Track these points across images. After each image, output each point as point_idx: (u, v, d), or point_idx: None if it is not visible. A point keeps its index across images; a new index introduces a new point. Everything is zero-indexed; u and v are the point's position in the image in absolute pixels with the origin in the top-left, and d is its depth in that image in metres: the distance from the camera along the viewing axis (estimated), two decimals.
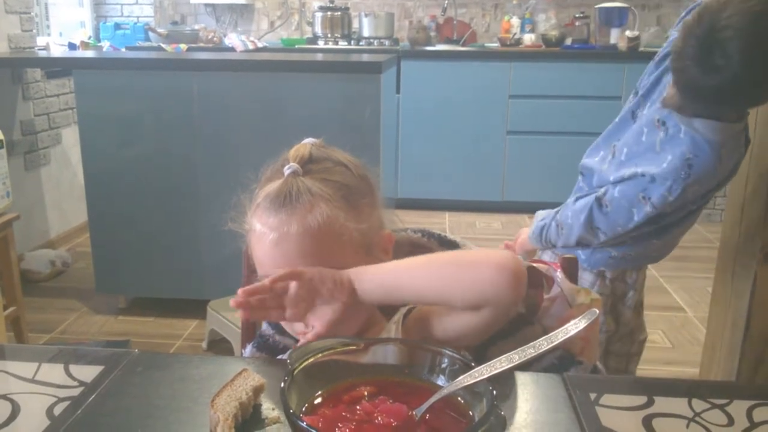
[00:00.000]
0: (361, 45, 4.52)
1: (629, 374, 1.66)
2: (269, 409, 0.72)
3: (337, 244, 0.84)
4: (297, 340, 0.98)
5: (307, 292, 0.81)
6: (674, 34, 1.36)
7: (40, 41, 3.79)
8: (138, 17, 4.87)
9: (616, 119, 1.56)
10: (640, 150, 1.43)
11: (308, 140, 0.91)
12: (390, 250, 0.92)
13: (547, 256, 1.61)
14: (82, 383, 0.78)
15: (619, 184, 1.44)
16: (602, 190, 1.48)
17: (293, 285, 0.80)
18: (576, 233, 1.51)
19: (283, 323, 0.90)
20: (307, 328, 0.85)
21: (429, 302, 0.83)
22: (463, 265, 0.80)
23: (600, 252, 1.55)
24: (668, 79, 1.39)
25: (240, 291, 0.80)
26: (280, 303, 0.82)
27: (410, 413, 0.63)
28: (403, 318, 0.90)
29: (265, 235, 0.84)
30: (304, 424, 0.57)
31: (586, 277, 1.56)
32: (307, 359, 0.67)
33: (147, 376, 0.80)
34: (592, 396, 0.76)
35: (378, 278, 0.82)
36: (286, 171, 0.86)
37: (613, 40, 4.25)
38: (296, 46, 4.48)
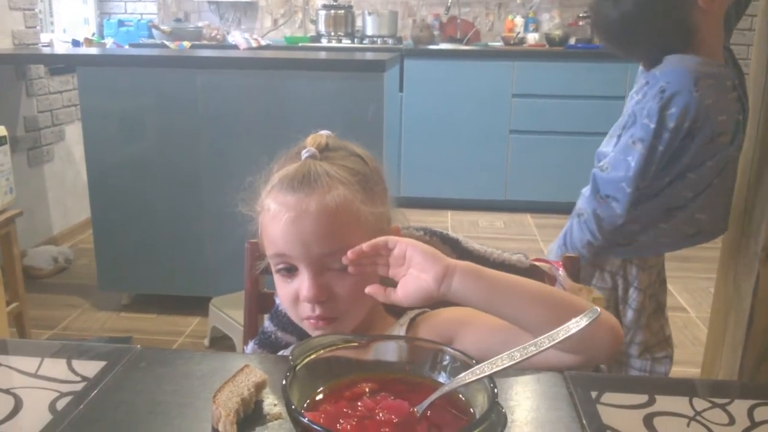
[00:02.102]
0: (365, 43, 4.52)
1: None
2: (271, 404, 0.72)
3: (353, 227, 0.84)
4: (298, 338, 0.98)
5: (404, 256, 0.78)
6: None
7: (44, 38, 3.80)
8: (141, 14, 4.87)
9: None
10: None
11: (324, 132, 0.92)
12: None
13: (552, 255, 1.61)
14: (84, 378, 0.78)
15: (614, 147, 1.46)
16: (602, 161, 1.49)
17: (399, 245, 0.78)
18: (590, 211, 1.46)
19: (288, 310, 0.90)
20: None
21: (525, 328, 0.78)
22: (577, 311, 0.70)
23: None
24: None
25: (350, 252, 0.79)
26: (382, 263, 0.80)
27: (411, 410, 0.63)
28: (411, 321, 0.90)
29: (282, 214, 0.83)
30: (305, 420, 0.57)
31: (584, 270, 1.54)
32: (309, 355, 0.67)
33: (149, 371, 0.80)
34: (593, 394, 0.76)
35: (483, 279, 0.77)
36: (305, 154, 0.86)
37: None
38: (299, 44, 4.49)
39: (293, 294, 0.87)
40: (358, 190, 0.85)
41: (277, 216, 0.84)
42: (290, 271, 0.87)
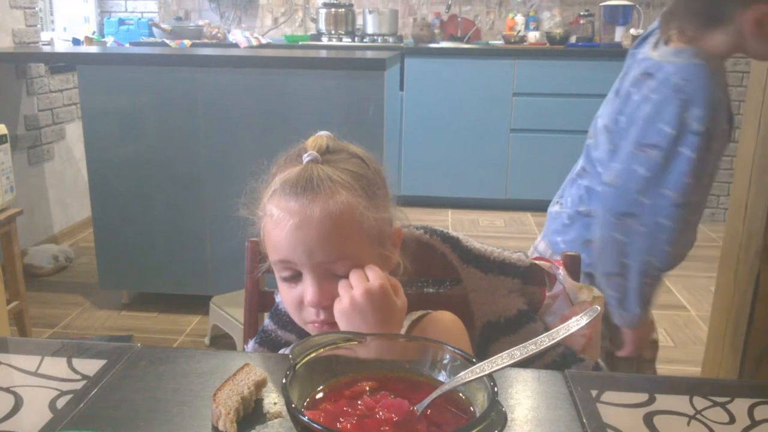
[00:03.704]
0: (365, 42, 4.52)
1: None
2: (271, 403, 0.72)
3: (357, 232, 0.83)
4: (298, 337, 0.98)
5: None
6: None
7: (44, 36, 3.80)
8: (142, 13, 4.87)
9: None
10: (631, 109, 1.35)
11: (323, 132, 0.91)
12: (399, 245, 0.92)
13: (543, 245, 1.58)
14: (84, 377, 0.78)
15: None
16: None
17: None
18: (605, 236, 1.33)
19: (291, 314, 0.90)
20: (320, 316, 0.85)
21: None
22: None
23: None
24: (642, 50, 1.38)
25: None
26: None
27: (411, 408, 0.63)
28: (412, 323, 0.90)
29: (285, 220, 0.83)
30: (305, 419, 0.57)
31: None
32: (309, 354, 0.67)
33: (150, 370, 0.80)
34: (594, 393, 0.76)
35: None
36: (306, 158, 0.85)
37: (617, 38, 4.24)
38: (300, 43, 4.48)
39: (297, 298, 0.86)
40: (361, 194, 0.84)
41: (280, 222, 0.83)
42: (295, 277, 0.86)
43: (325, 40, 4.52)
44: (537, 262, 1.06)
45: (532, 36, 4.49)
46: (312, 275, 0.84)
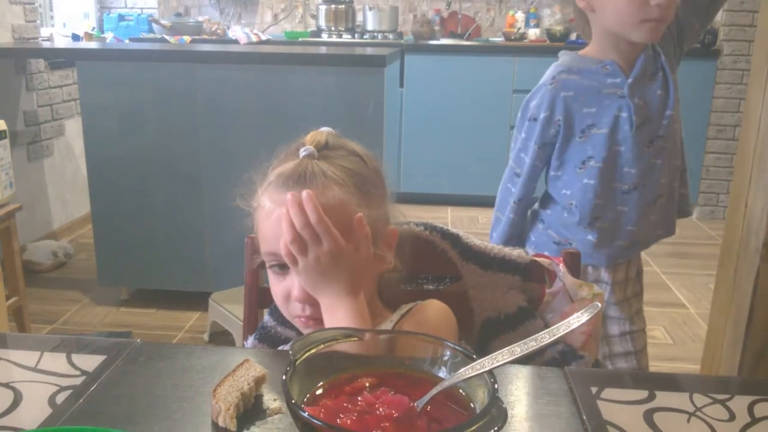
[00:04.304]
0: (365, 38, 4.51)
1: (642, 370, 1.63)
2: (271, 399, 0.72)
3: (347, 229, 0.83)
4: (297, 333, 0.98)
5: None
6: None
7: (44, 32, 3.79)
8: (142, 9, 4.87)
9: None
10: None
11: (324, 129, 0.91)
12: (393, 246, 0.92)
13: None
14: (84, 372, 0.78)
15: None
16: None
17: None
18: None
19: (280, 306, 0.91)
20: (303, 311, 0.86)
21: None
22: None
23: (544, 235, 1.56)
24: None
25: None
26: None
27: (411, 405, 0.63)
28: (402, 316, 0.90)
29: (274, 213, 0.84)
30: (305, 415, 0.57)
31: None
32: (309, 350, 0.67)
33: (149, 365, 0.80)
34: (594, 390, 0.76)
35: None
36: (302, 153, 0.86)
37: None
38: (300, 39, 4.48)
39: (285, 291, 0.87)
40: (353, 192, 0.85)
41: (270, 214, 0.85)
42: (282, 268, 0.87)
43: (325, 37, 4.51)
44: (537, 259, 1.06)
45: (533, 33, 4.48)
46: None
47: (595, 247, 1.49)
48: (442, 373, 0.68)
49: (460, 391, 0.65)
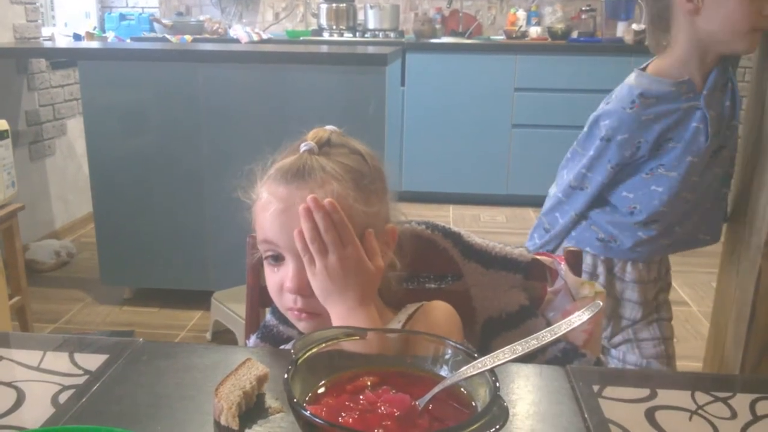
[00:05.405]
0: (366, 37, 4.51)
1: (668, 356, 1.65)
2: (273, 398, 0.72)
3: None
4: (299, 332, 0.98)
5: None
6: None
7: (45, 32, 3.79)
8: (143, 8, 4.87)
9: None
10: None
11: (330, 127, 0.92)
12: (392, 245, 0.92)
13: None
14: (86, 372, 0.78)
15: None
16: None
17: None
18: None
19: (274, 299, 0.91)
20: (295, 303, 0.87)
21: None
22: None
23: (587, 231, 1.57)
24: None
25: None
26: None
27: (413, 403, 0.63)
28: (408, 317, 0.90)
29: (271, 204, 0.85)
30: (307, 413, 0.57)
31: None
32: (311, 349, 0.67)
33: (152, 364, 0.80)
34: (595, 388, 0.76)
35: None
36: (303, 147, 0.88)
37: (619, 34, 4.23)
38: (301, 38, 4.48)
39: (279, 283, 0.88)
40: (351, 187, 0.85)
41: (267, 205, 0.86)
42: (277, 259, 0.88)
43: (326, 36, 4.51)
44: (539, 257, 1.05)
45: (534, 31, 4.48)
46: (294, 261, 0.86)
47: (643, 243, 1.51)
48: (444, 371, 0.68)
49: (462, 389, 0.65)
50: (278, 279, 0.88)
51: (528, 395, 0.76)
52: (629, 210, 1.50)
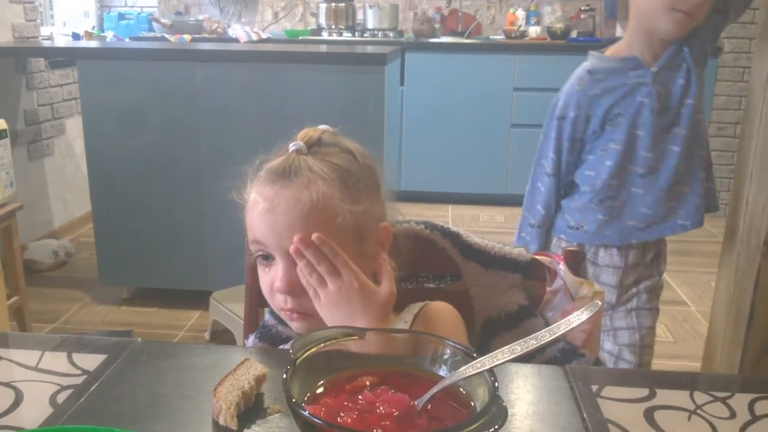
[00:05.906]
0: (366, 37, 4.51)
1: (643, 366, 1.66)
2: (271, 398, 0.72)
3: (329, 223, 0.84)
4: (298, 332, 0.98)
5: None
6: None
7: (44, 31, 3.79)
8: (142, 8, 4.86)
9: None
10: None
11: (322, 126, 0.92)
12: (386, 244, 0.92)
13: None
14: (85, 372, 0.78)
15: None
16: None
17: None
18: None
19: (267, 299, 0.91)
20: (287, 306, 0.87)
21: None
22: None
23: (561, 219, 1.63)
24: None
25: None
26: None
27: (412, 403, 0.63)
28: (414, 318, 0.90)
29: (258, 204, 0.86)
30: (306, 413, 0.57)
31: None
32: (310, 349, 0.67)
33: (150, 364, 0.80)
34: (594, 388, 0.76)
35: None
36: (291, 147, 0.88)
37: (618, 33, 4.21)
38: (300, 38, 4.47)
39: (270, 283, 0.88)
40: (337, 186, 0.85)
41: (255, 206, 0.87)
42: (267, 258, 0.88)
43: (325, 35, 4.51)
44: (537, 257, 1.06)
45: (533, 31, 4.48)
46: (283, 260, 0.86)
47: (605, 224, 1.56)
48: (443, 371, 0.68)
49: (461, 389, 0.65)
50: (269, 279, 0.88)
51: (527, 395, 0.75)
52: (591, 188, 1.56)
